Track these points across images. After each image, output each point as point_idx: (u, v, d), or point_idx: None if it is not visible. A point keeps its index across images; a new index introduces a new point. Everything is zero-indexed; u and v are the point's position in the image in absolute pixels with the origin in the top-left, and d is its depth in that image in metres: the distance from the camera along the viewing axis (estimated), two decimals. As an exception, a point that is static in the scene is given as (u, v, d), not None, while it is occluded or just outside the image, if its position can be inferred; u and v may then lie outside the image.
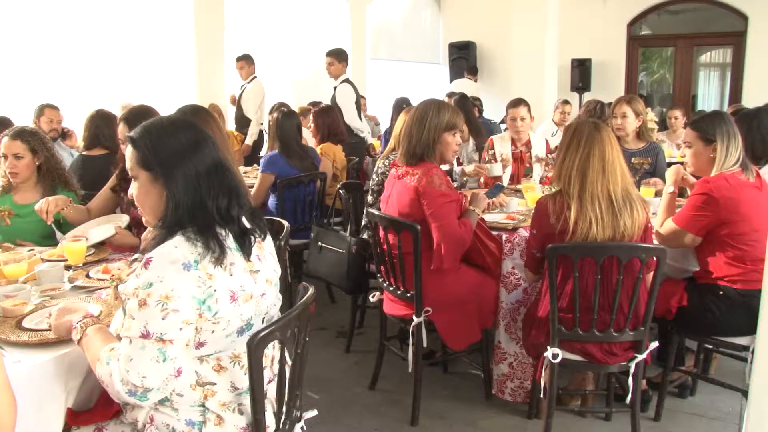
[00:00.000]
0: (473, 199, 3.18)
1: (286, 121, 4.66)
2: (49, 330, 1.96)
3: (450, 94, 6.65)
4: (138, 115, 3.08)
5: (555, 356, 2.67)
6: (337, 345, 4.12)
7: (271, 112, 5.95)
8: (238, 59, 7.31)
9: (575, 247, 2.58)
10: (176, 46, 7.33)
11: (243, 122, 7.32)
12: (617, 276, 2.55)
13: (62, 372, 1.84)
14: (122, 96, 6.39)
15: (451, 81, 11.01)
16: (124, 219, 3.08)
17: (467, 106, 5.67)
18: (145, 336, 1.59)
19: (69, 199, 3.16)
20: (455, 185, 4.10)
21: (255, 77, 7.34)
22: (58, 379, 1.84)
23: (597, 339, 2.64)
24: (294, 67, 9.13)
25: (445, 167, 3.50)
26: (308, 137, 5.72)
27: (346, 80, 6.66)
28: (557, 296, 2.64)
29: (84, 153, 4.33)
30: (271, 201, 4.64)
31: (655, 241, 2.95)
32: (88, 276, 2.55)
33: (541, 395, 2.84)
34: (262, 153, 6.87)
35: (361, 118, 6.79)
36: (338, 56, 6.66)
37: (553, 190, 2.84)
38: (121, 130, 2.96)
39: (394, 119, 5.79)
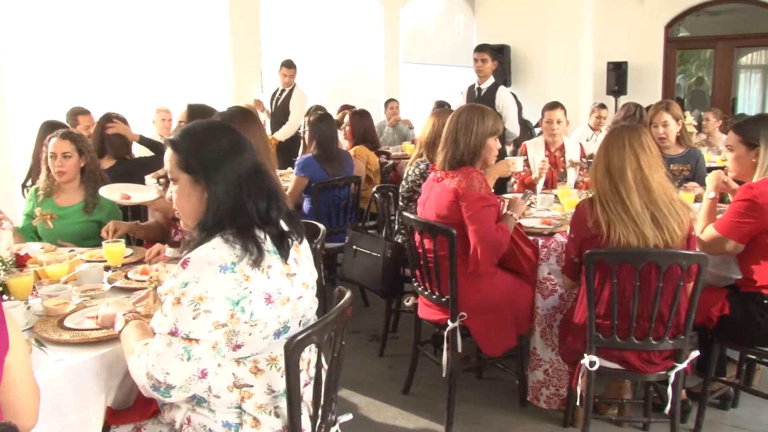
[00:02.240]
0: (511, 204, 3.17)
1: (324, 124, 4.68)
2: (90, 330, 1.99)
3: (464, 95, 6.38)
4: (198, 112, 3.19)
5: (592, 364, 2.63)
6: (370, 349, 4.11)
7: (307, 115, 5.96)
8: (289, 66, 7.14)
9: (613, 253, 2.54)
10: (212, 49, 7.42)
11: (277, 127, 7.27)
12: (656, 283, 2.50)
13: (102, 371, 1.87)
14: (158, 99, 6.47)
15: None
16: (154, 189, 3.22)
17: None
18: (173, 333, 1.61)
19: (136, 223, 3.28)
20: None
21: (295, 84, 7.32)
22: (98, 377, 1.86)
23: (635, 347, 2.60)
24: (327, 70, 9.18)
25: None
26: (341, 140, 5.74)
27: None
28: (595, 303, 2.60)
29: None
30: (306, 204, 4.66)
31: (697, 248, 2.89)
32: (126, 277, 2.59)
33: (578, 403, 2.80)
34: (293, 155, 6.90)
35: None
36: (492, 52, 5.97)
37: (590, 194, 2.81)
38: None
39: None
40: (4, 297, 2.21)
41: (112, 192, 3.15)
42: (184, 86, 7.02)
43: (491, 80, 5.95)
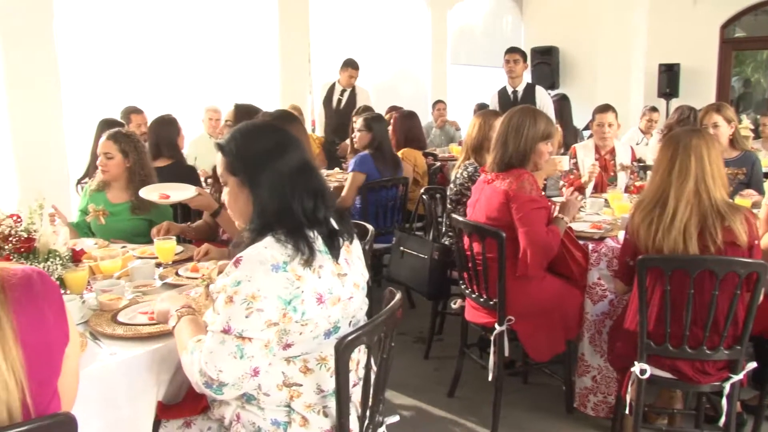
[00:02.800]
0: (563, 207, 3.12)
1: (380, 124, 4.72)
2: (143, 325, 2.03)
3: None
4: (244, 112, 3.22)
5: (643, 372, 2.56)
6: (415, 351, 4.10)
7: (356, 114, 5.91)
8: (357, 67, 7.07)
9: (667, 259, 2.47)
10: (262, 49, 7.49)
11: (343, 128, 7.01)
12: (712, 291, 2.43)
13: (154, 365, 1.90)
14: (208, 98, 6.57)
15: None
16: (192, 187, 3.22)
17: (567, 108, 5.58)
18: (226, 331, 1.63)
19: (188, 225, 3.35)
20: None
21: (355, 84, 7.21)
22: (150, 372, 1.89)
23: (689, 356, 2.52)
24: (375, 71, 9.18)
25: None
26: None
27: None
28: (646, 309, 2.54)
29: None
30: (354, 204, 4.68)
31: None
32: (177, 274, 2.63)
33: (626, 411, 2.74)
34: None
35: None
36: (524, 54, 5.97)
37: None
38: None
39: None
40: (61, 291, 2.26)
41: (151, 193, 3.18)
42: (233, 86, 7.12)
43: (524, 82, 5.92)
